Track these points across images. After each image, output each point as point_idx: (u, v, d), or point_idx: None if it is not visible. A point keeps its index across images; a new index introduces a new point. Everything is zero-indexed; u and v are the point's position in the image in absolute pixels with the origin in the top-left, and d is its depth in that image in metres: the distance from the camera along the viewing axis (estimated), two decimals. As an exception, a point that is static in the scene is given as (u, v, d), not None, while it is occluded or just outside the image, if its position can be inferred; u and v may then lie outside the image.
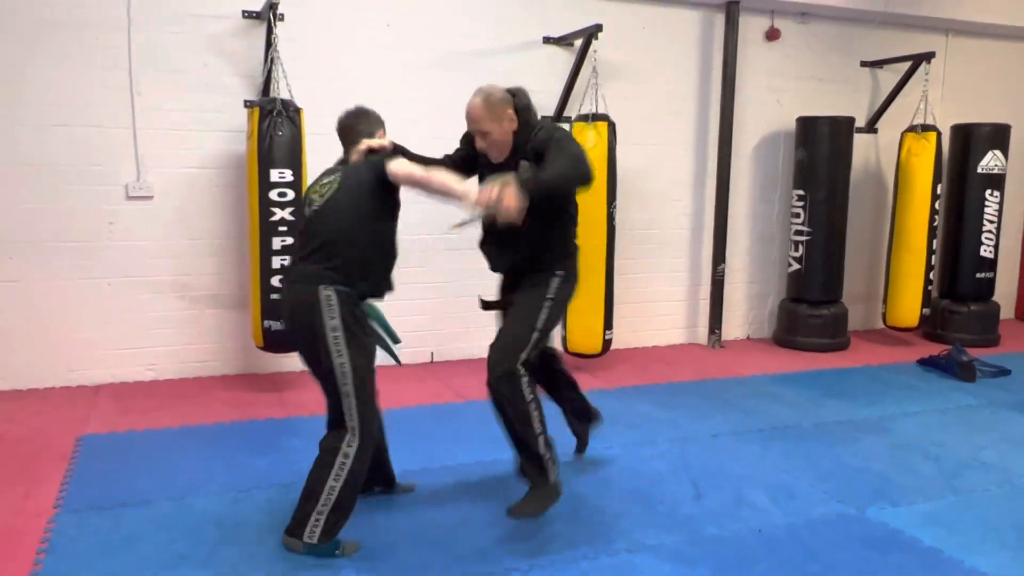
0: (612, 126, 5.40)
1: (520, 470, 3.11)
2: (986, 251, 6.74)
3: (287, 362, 5.22)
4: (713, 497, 3.49)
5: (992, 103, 7.36)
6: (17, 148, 4.73)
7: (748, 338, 6.87)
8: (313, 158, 4.83)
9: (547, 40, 5.85)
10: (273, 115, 4.57)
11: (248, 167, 4.77)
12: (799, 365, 5.96)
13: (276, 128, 4.58)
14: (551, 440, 3.06)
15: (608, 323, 5.47)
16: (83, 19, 4.77)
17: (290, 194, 4.64)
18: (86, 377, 5.01)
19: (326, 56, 5.26)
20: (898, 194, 6.57)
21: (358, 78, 5.32)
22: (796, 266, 6.53)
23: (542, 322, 3.03)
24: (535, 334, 3.00)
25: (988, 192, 6.67)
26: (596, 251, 5.34)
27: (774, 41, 6.54)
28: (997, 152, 6.65)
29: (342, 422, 2.87)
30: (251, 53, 5.06)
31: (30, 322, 4.86)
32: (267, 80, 4.85)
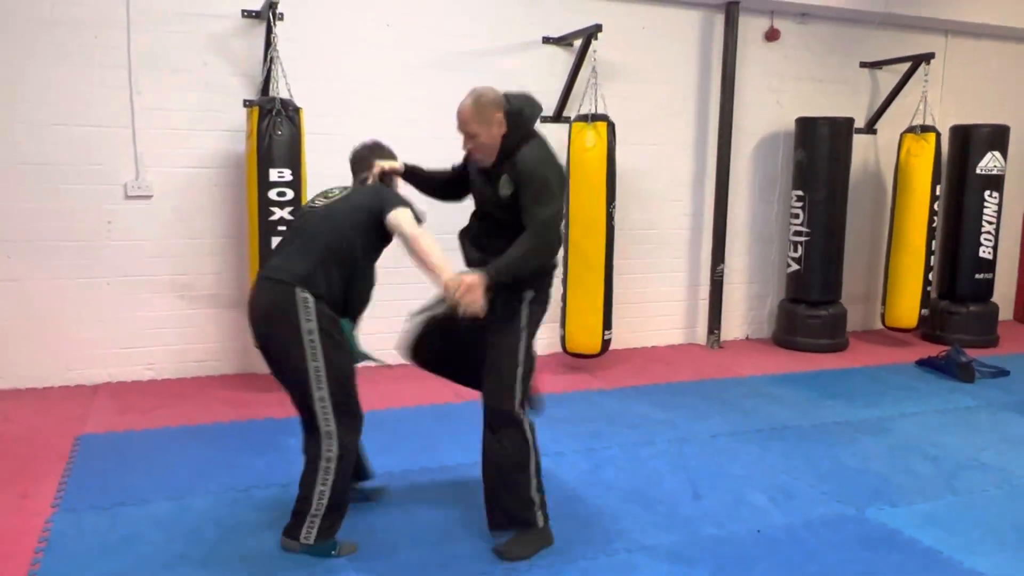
0: (611, 126, 5.40)
1: (496, 525, 2.95)
2: (985, 252, 6.75)
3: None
4: (712, 497, 3.49)
5: (991, 104, 7.37)
6: (16, 147, 4.73)
7: (747, 338, 6.87)
8: (312, 158, 4.84)
9: (547, 40, 5.85)
10: (272, 114, 4.57)
11: (247, 166, 4.77)
12: (798, 365, 5.96)
13: (275, 128, 4.58)
14: (543, 487, 2.96)
15: (607, 323, 5.47)
16: (82, 18, 4.76)
17: (289, 193, 4.63)
18: (85, 376, 5.01)
19: (326, 56, 5.26)
20: (897, 195, 6.57)
21: (358, 78, 5.33)
22: (795, 266, 6.53)
23: (523, 355, 2.90)
24: (519, 369, 2.88)
25: (987, 193, 6.68)
26: (595, 251, 5.35)
27: (774, 42, 6.54)
28: (996, 153, 6.65)
29: (315, 426, 2.81)
30: (251, 52, 5.06)
31: (29, 321, 4.85)
32: (266, 79, 4.85)
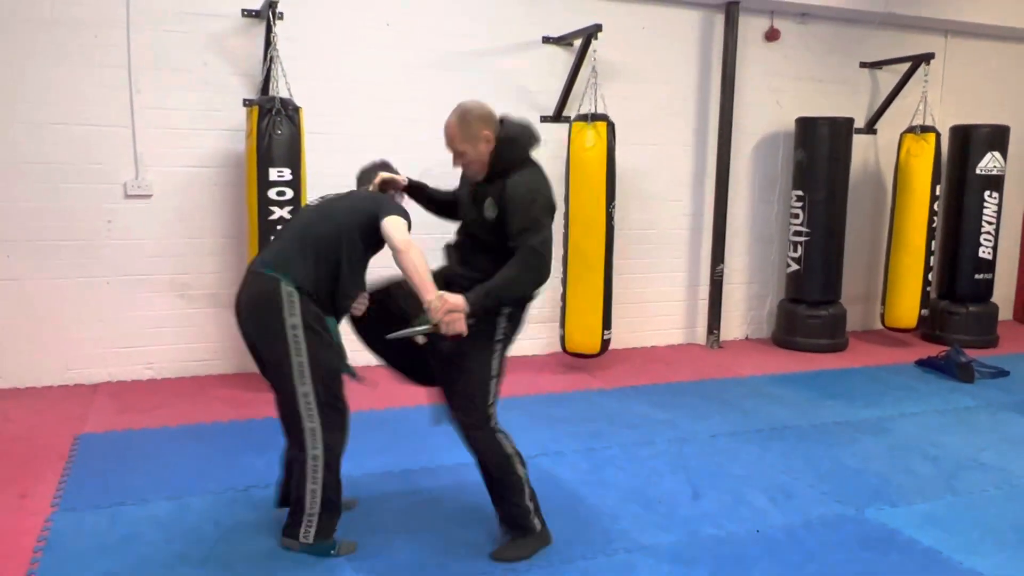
0: (611, 126, 5.40)
1: (502, 523, 2.98)
2: (985, 252, 6.74)
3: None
4: (711, 497, 3.49)
5: (991, 104, 7.36)
6: (16, 147, 4.72)
7: (747, 338, 6.86)
8: (312, 157, 4.84)
9: (546, 40, 5.84)
10: (272, 114, 4.57)
11: (247, 166, 4.77)
12: (798, 366, 5.96)
13: (275, 127, 4.57)
14: (535, 494, 2.95)
15: (607, 323, 5.47)
16: (82, 18, 4.76)
17: (289, 193, 4.63)
18: (84, 376, 5.00)
19: (326, 55, 5.25)
20: (897, 195, 6.57)
21: (358, 78, 5.33)
22: (795, 266, 6.53)
23: (496, 368, 2.88)
24: (492, 381, 2.87)
25: (987, 193, 6.68)
26: (595, 251, 5.34)
27: (774, 42, 6.54)
28: (996, 153, 6.65)
29: (298, 425, 2.77)
30: (250, 52, 5.05)
31: (28, 320, 4.85)
32: (266, 79, 4.85)
